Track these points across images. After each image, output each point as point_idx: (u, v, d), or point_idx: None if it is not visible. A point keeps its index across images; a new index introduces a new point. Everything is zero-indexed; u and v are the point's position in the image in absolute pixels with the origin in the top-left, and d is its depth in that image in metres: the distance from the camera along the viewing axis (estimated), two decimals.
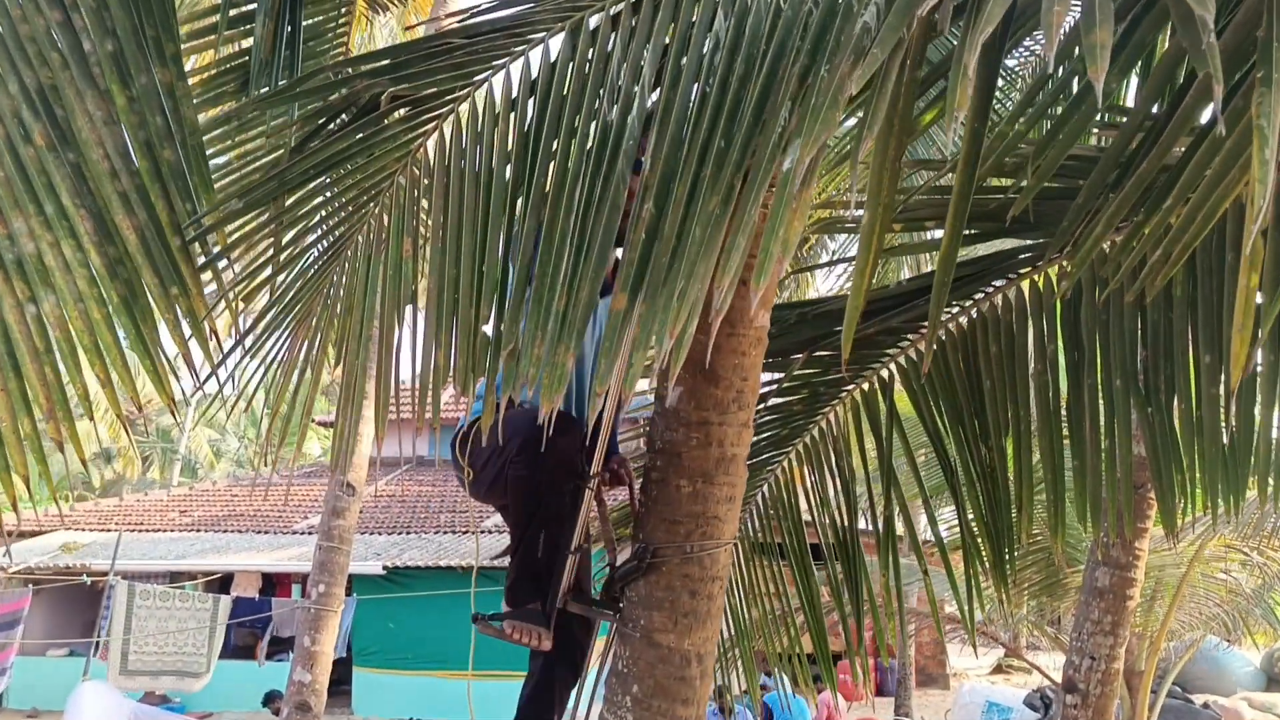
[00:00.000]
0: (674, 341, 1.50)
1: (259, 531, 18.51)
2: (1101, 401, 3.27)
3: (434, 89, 1.99)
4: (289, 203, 2.14)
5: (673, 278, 1.55)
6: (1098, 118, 2.71)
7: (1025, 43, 5.63)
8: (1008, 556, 3.44)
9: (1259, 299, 2.97)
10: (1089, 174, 2.60)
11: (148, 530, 18.93)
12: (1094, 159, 2.84)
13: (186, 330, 2.16)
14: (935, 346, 3.52)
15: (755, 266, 1.42)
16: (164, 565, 16.77)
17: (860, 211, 1.72)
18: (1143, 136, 2.40)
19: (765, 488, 3.98)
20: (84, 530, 18.71)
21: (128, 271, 2.16)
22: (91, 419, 2.32)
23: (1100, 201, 2.53)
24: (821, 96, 1.43)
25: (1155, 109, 2.53)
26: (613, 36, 1.90)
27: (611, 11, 1.92)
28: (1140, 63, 2.91)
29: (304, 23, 4.17)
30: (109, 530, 17.96)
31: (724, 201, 1.56)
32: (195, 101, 2.55)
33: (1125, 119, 3.00)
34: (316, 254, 2.19)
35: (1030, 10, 1.58)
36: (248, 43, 4.11)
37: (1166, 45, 2.54)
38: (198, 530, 18.99)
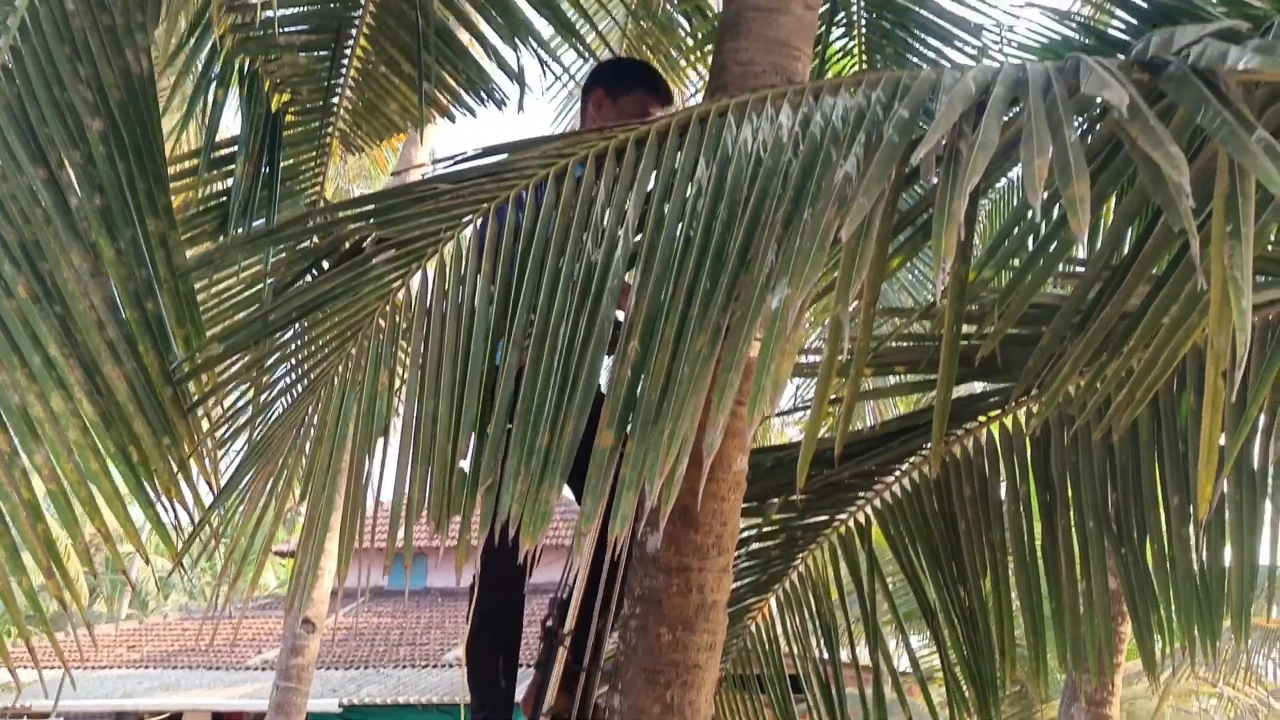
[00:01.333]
0: (664, 483, 1.50)
1: (211, 668, 17.77)
2: (1075, 543, 3.29)
3: (420, 231, 2.02)
4: (271, 345, 2.15)
5: (663, 416, 1.56)
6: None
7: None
8: (990, 699, 3.39)
9: (1223, 439, 3.04)
10: (1052, 319, 2.68)
11: (94, 667, 18.12)
12: (1056, 305, 2.93)
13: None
14: (910, 490, 3.55)
15: (748, 402, 1.43)
16: (110, 705, 16.05)
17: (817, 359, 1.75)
18: (1102, 286, 2.49)
19: (746, 633, 3.93)
20: (25, 667, 17.86)
21: (119, 421, 2.18)
22: (92, 571, 2.32)
23: (1064, 345, 2.60)
24: (808, 239, 1.48)
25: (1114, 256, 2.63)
26: (597, 183, 1.95)
27: (595, 156, 1.98)
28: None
29: (282, 163, 4.28)
30: (52, 668, 17.15)
31: (711, 342, 1.59)
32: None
33: (1084, 267, 3.11)
34: (293, 392, 2.19)
35: (1000, 156, 1.64)
36: (225, 184, 4.20)
37: (1124, 198, 2.66)
38: (146, 666, 18.20)
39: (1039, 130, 1.47)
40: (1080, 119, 2.09)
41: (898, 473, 3.57)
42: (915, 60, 4.72)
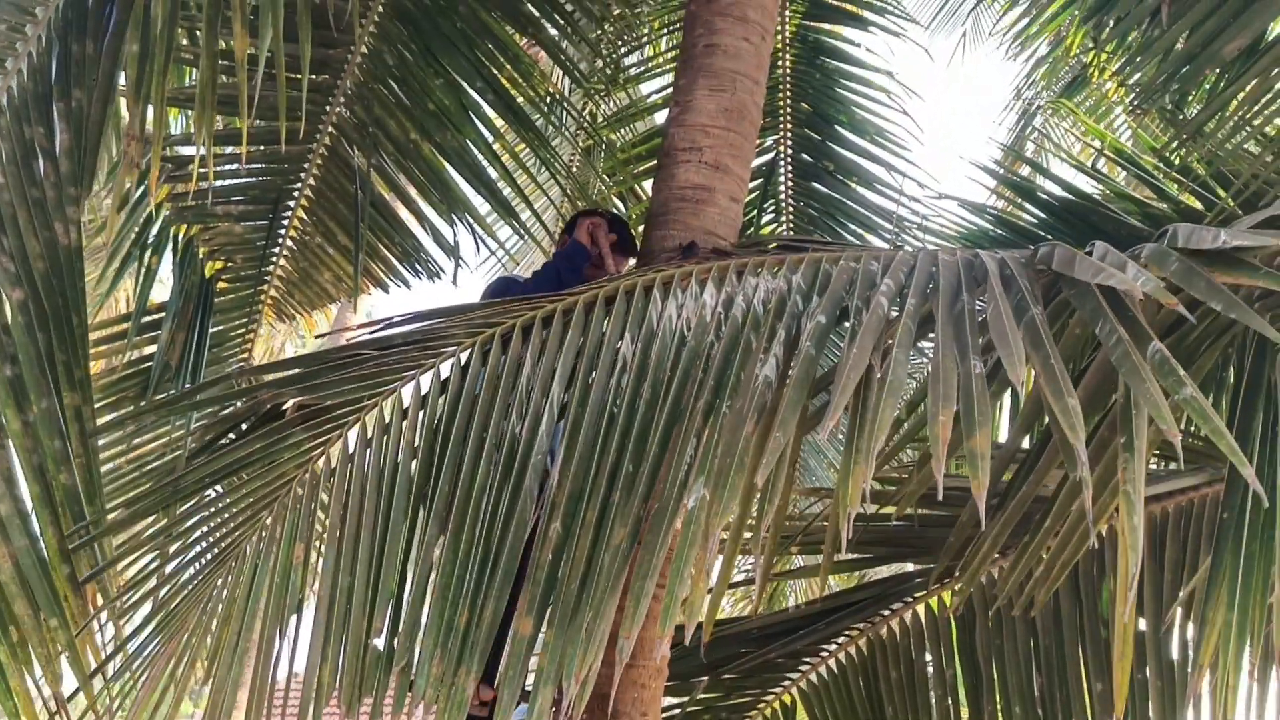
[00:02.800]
0: (581, 680, 1.47)
1: None
2: None
3: (342, 398, 2.01)
4: (180, 511, 2.08)
5: (581, 609, 1.53)
6: None
7: None
8: None
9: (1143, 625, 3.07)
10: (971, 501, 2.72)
11: None
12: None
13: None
14: (836, 671, 3.50)
15: (660, 608, 1.42)
16: None
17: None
18: (1017, 467, 2.55)
19: None
20: None
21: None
22: None
23: (983, 526, 2.63)
24: (726, 452, 1.50)
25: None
26: (524, 352, 1.97)
27: (523, 326, 2.00)
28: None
29: (211, 329, 4.26)
30: None
31: (631, 534, 1.58)
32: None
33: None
34: (201, 564, 2.10)
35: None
36: (151, 349, 4.15)
37: (1032, 387, 2.77)
38: None
39: (946, 365, 1.54)
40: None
41: (824, 653, 3.51)
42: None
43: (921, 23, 4.70)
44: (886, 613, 3.50)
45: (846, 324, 1.87)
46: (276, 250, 4.37)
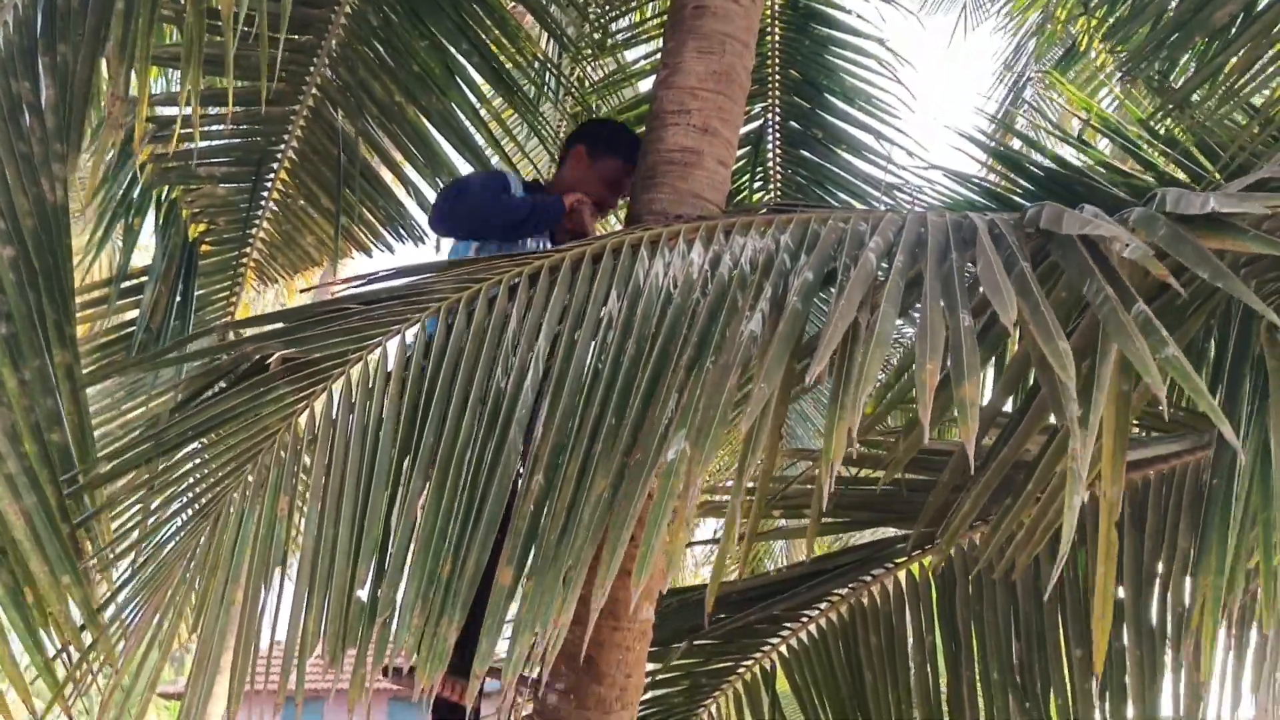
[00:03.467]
0: (554, 631, 1.47)
1: None
2: (981, 696, 3.27)
3: (327, 352, 2.00)
4: (163, 466, 2.08)
5: (560, 557, 1.54)
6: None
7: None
8: None
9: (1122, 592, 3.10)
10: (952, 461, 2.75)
11: None
12: (955, 451, 2.99)
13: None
14: (816, 637, 3.52)
15: (636, 561, 1.43)
16: None
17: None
18: (999, 431, 2.56)
19: None
20: None
21: (13, 561, 2.08)
22: None
23: (965, 490, 2.65)
24: (710, 403, 1.50)
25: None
26: (510, 308, 1.96)
27: (509, 283, 1.99)
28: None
29: (195, 292, 4.23)
30: None
31: (613, 486, 1.58)
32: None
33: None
34: (186, 516, 2.10)
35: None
36: (133, 314, 4.12)
37: (1016, 348, 2.77)
38: None
39: (933, 318, 1.53)
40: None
41: (805, 618, 3.53)
42: None
43: None
44: (867, 578, 3.52)
45: (833, 287, 1.87)
46: (259, 213, 4.33)
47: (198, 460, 2.10)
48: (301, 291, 5.28)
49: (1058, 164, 4.23)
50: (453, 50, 4.25)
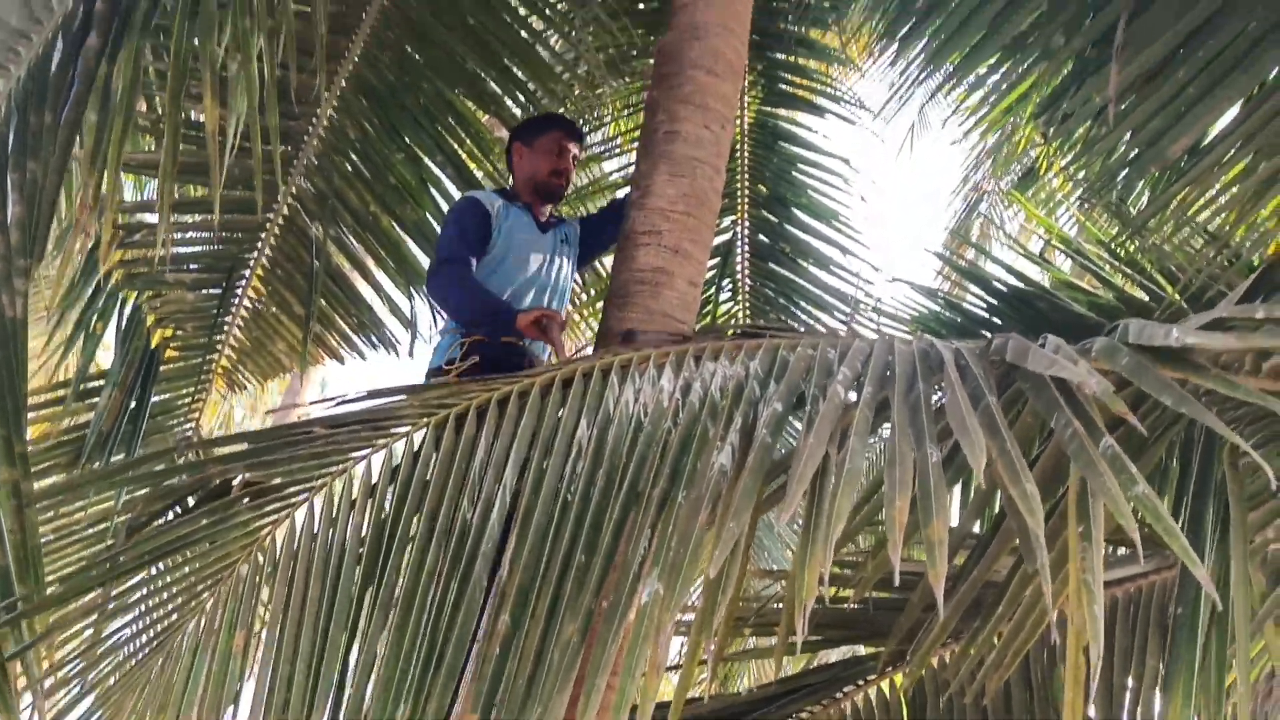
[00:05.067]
0: None
1: None
2: None
3: (291, 476, 1.97)
4: (117, 591, 2.01)
5: (528, 705, 1.49)
6: None
7: None
8: None
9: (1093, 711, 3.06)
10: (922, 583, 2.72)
11: None
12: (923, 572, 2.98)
13: None
14: None
15: (613, 704, 1.39)
16: None
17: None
18: (969, 552, 2.56)
19: None
20: None
21: None
22: None
23: (941, 613, 2.62)
24: (681, 542, 1.49)
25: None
26: (478, 435, 1.94)
27: (478, 408, 1.98)
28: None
29: (155, 399, 4.18)
30: None
31: (582, 630, 1.55)
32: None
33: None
34: (138, 645, 2.03)
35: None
36: (87, 417, 4.06)
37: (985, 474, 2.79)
38: None
39: (902, 450, 1.54)
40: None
41: None
42: (798, 328, 5.00)
43: (874, 110, 4.82)
44: (839, 695, 3.46)
45: (803, 412, 1.87)
46: (229, 319, 4.32)
47: (152, 586, 2.04)
48: (267, 413, 5.24)
49: (1021, 280, 4.33)
50: (428, 162, 4.32)
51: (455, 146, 4.28)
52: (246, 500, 2.00)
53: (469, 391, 2.04)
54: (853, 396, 1.83)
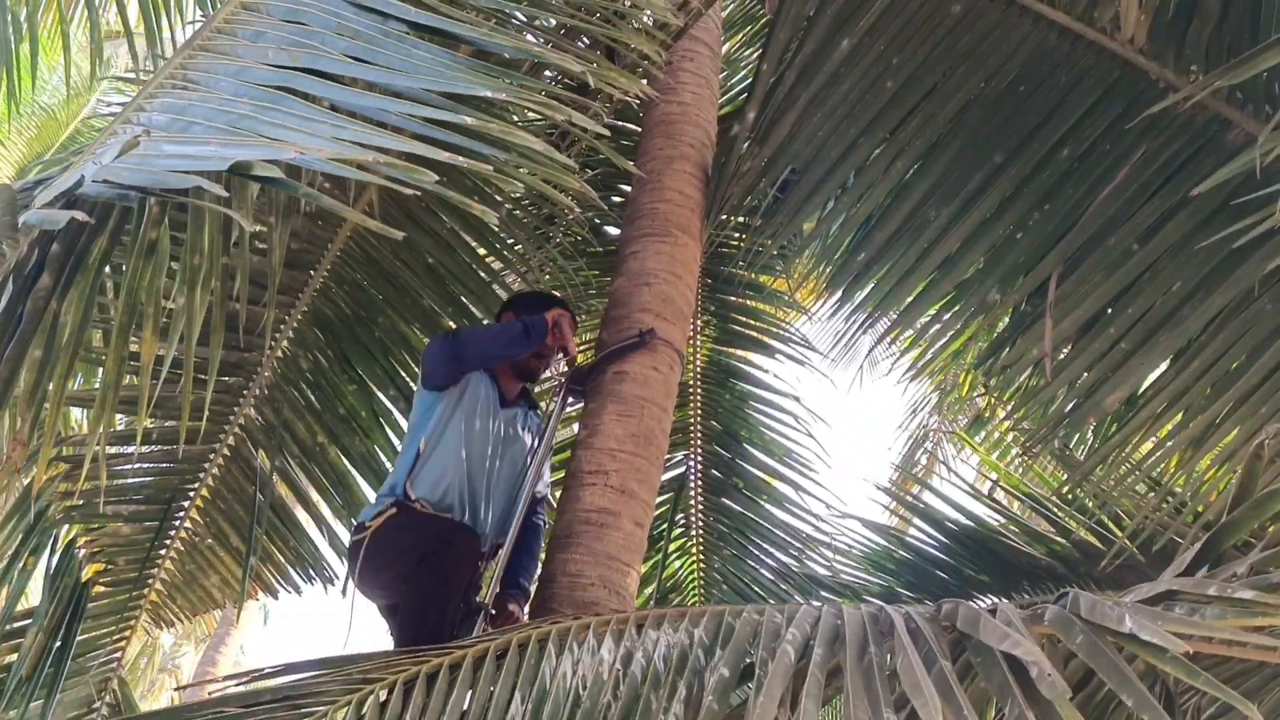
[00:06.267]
0: None
1: None
2: None
3: None
4: None
5: None
6: None
7: None
8: None
9: None
10: None
11: None
12: None
13: None
14: None
15: None
16: None
17: None
18: None
19: None
20: None
21: None
22: None
23: None
24: None
25: None
26: (404, 713, 1.83)
27: (404, 683, 1.87)
28: None
29: (79, 637, 3.97)
30: None
31: None
32: None
33: None
34: None
35: None
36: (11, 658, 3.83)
37: None
38: None
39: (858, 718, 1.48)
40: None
41: None
42: (751, 563, 4.92)
43: (823, 352, 4.95)
44: None
45: (750, 684, 1.80)
46: (163, 552, 4.17)
47: None
48: (175, 690, 5.00)
49: (972, 520, 4.33)
50: (380, 394, 4.31)
51: (408, 379, 4.29)
52: None
53: (397, 664, 1.93)
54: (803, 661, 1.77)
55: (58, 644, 3.77)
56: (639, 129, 4.00)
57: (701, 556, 5.00)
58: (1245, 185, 2.95)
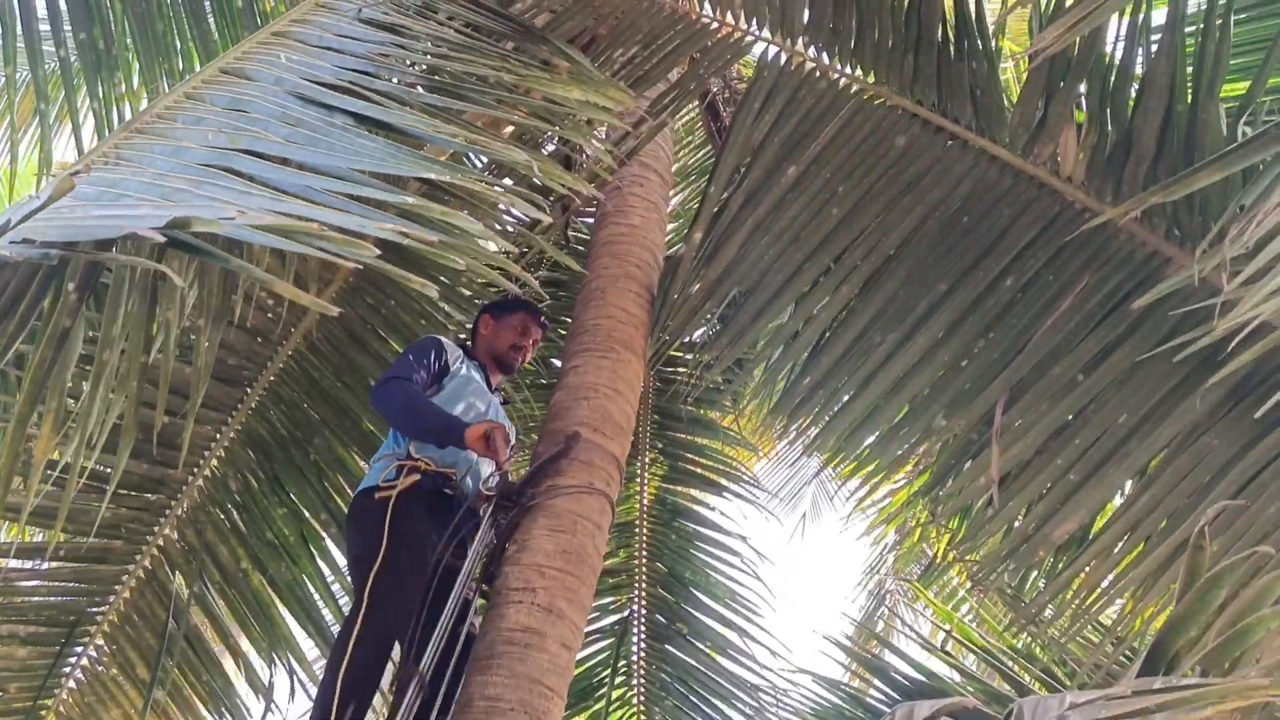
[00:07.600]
0: None
1: None
2: None
3: None
4: None
5: None
6: None
7: None
8: None
9: None
10: None
11: None
12: None
13: None
14: None
15: None
16: None
17: None
18: None
19: None
20: None
21: None
22: None
23: None
24: None
25: None
26: None
27: None
28: None
29: None
30: None
31: None
32: None
33: None
34: None
35: None
36: None
37: None
38: None
39: None
40: None
41: None
42: (695, 716, 4.67)
43: (771, 491, 4.85)
44: None
45: None
46: (61, 680, 3.88)
47: None
48: None
49: (921, 673, 4.14)
50: (311, 519, 4.14)
51: (341, 504, 4.12)
52: None
53: None
54: None
55: None
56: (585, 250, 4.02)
57: (643, 707, 4.73)
58: (1186, 321, 2.97)
